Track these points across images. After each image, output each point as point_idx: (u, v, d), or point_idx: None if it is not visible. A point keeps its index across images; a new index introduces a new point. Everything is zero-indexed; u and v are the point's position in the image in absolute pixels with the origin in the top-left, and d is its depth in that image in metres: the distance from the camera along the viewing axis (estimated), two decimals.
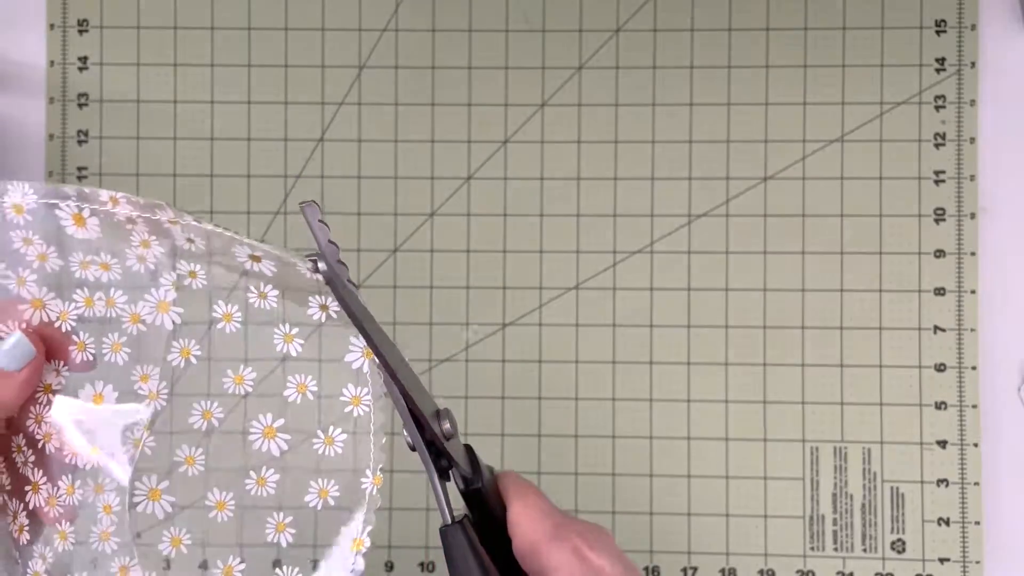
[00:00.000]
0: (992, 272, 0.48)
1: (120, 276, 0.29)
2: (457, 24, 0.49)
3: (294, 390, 0.30)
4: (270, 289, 0.29)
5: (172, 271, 0.29)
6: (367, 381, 0.30)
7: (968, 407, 0.47)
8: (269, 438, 0.30)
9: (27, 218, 0.27)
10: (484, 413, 0.48)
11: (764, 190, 0.48)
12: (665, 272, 0.49)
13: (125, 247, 0.28)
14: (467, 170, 0.49)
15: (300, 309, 0.29)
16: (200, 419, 0.30)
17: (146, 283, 0.29)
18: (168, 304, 0.29)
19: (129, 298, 0.29)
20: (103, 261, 0.28)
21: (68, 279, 0.29)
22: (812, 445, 0.48)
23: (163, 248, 0.29)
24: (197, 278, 0.29)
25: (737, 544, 0.48)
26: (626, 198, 0.49)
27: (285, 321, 0.30)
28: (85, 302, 0.28)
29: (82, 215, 0.28)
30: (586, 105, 0.49)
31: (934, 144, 0.48)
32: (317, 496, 0.30)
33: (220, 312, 0.29)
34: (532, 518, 0.30)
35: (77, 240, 0.28)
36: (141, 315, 0.29)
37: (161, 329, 0.29)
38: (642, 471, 0.48)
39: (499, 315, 0.49)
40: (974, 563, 0.47)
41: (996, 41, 0.48)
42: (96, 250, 0.28)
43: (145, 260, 0.29)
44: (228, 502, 0.30)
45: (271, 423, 0.30)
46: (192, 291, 0.29)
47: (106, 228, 0.28)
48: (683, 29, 0.49)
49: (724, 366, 0.48)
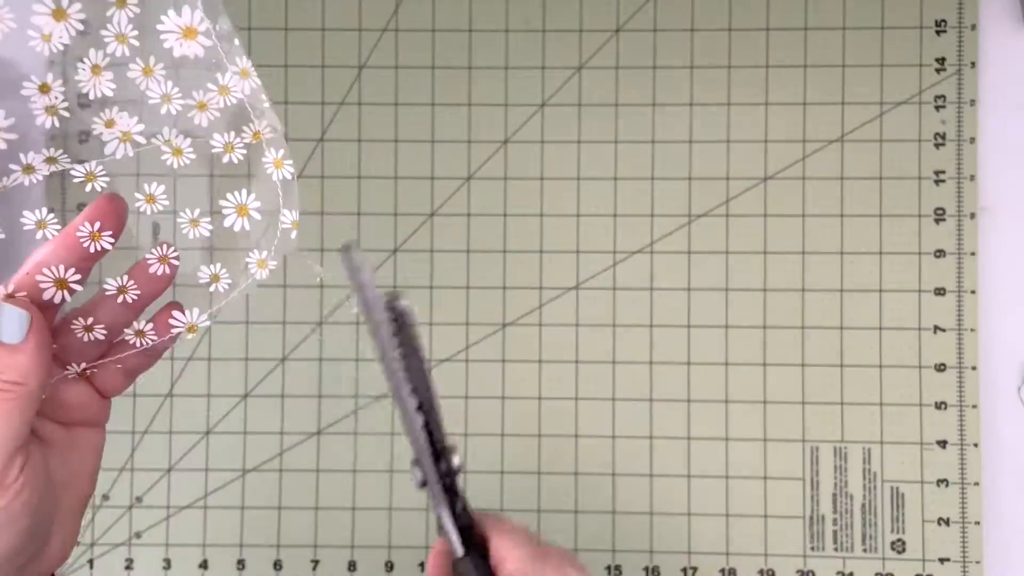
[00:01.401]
0: (992, 272, 0.48)
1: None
2: (457, 24, 0.49)
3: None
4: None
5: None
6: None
7: (968, 407, 0.47)
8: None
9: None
10: (484, 413, 0.48)
11: (764, 190, 0.48)
12: (665, 272, 0.49)
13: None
14: (467, 170, 0.49)
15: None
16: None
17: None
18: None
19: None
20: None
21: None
22: (812, 445, 0.48)
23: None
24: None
25: (737, 544, 0.48)
26: (626, 198, 0.49)
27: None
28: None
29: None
30: (586, 105, 0.49)
31: (934, 144, 0.48)
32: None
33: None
34: (515, 544, 0.31)
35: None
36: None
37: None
38: (642, 471, 0.48)
39: (499, 315, 0.49)
40: (974, 563, 0.47)
41: (996, 41, 0.48)
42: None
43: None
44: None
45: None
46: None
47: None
48: (683, 29, 0.49)
49: (724, 366, 0.48)
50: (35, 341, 0.27)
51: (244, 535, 0.48)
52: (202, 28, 0.27)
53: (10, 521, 0.28)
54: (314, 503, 0.48)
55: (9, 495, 0.27)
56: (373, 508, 0.48)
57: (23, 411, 0.27)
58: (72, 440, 0.31)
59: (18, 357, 0.27)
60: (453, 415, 0.48)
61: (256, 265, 0.30)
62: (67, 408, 0.31)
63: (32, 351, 0.27)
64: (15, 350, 0.27)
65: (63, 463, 0.31)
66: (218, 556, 0.48)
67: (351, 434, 0.48)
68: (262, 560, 0.48)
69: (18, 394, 0.27)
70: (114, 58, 0.26)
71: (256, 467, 0.48)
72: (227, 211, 0.29)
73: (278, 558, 0.48)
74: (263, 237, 0.30)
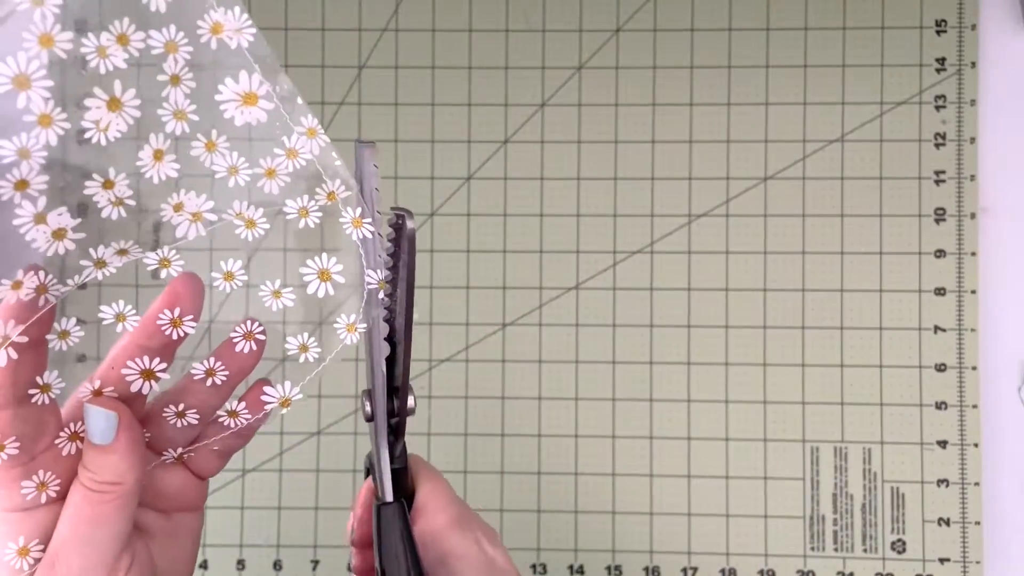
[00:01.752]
0: (992, 272, 0.48)
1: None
2: (457, 24, 0.49)
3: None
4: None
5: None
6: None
7: (968, 407, 0.47)
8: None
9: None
10: (484, 413, 0.48)
11: (764, 190, 0.48)
12: (665, 272, 0.48)
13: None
14: (467, 170, 0.49)
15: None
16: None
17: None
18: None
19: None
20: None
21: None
22: (812, 445, 0.48)
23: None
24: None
25: (737, 544, 0.48)
26: (626, 198, 0.49)
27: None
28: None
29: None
30: (586, 105, 0.49)
31: (934, 144, 0.48)
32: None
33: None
34: (440, 504, 0.31)
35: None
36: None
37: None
38: (642, 471, 0.48)
39: (499, 315, 0.49)
40: (974, 563, 0.47)
41: (996, 41, 0.48)
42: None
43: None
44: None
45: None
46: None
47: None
48: (683, 29, 0.49)
49: (724, 366, 0.48)
50: (126, 438, 0.26)
51: (244, 535, 0.48)
52: (262, 92, 0.26)
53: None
54: (314, 503, 0.48)
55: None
56: None
57: (123, 510, 0.26)
58: (172, 527, 0.30)
59: (111, 457, 0.26)
60: (453, 415, 0.49)
61: (345, 329, 0.29)
62: (165, 495, 0.30)
63: (124, 450, 0.26)
64: (107, 450, 0.26)
65: (165, 551, 0.30)
66: (218, 556, 0.48)
67: (351, 434, 0.48)
68: (262, 560, 0.48)
69: (116, 494, 0.26)
70: (174, 137, 0.26)
71: (256, 467, 0.48)
72: (309, 278, 0.28)
73: (278, 558, 0.48)
74: (349, 300, 0.29)
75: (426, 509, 0.31)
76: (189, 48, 0.25)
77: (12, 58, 0.22)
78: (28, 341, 0.25)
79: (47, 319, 0.26)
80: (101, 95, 0.24)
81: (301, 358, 0.29)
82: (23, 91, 0.23)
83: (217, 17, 0.25)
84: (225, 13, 0.25)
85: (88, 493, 0.26)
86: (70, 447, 0.27)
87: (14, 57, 0.22)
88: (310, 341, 0.29)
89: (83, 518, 0.26)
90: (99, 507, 0.26)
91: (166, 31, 0.24)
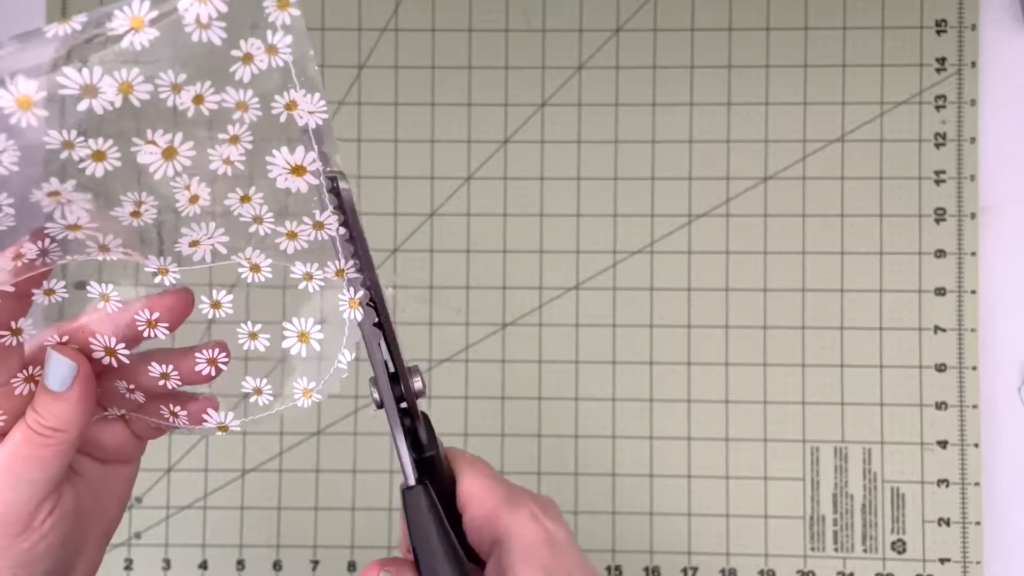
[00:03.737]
0: (992, 272, 0.48)
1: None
2: (457, 24, 0.49)
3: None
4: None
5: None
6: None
7: (968, 407, 0.47)
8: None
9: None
10: (484, 413, 0.48)
11: (764, 190, 0.48)
12: (665, 272, 0.48)
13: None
14: (467, 170, 0.49)
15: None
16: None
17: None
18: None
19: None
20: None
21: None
22: (812, 445, 0.48)
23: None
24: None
25: (737, 544, 0.48)
26: (626, 198, 0.49)
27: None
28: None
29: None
30: (586, 105, 0.49)
31: (934, 144, 0.48)
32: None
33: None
34: (487, 487, 0.31)
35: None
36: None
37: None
38: (642, 471, 0.48)
39: (499, 315, 0.49)
40: (974, 563, 0.47)
41: (996, 41, 0.48)
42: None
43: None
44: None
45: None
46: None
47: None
48: (683, 29, 0.49)
49: (724, 366, 0.48)
50: (80, 390, 0.27)
51: (244, 535, 0.48)
52: (311, 168, 0.27)
53: (32, 562, 0.28)
54: (314, 503, 0.48)
55: (34, 538, 0.27)
56: (373, 508, 0.48)
57: (59, 457, 0.27)
58: (105, 475, 0.31)
59: (61, 404, 0.27)
60: (453, 415, 0.48)
61: (301, 393, 0.30)
62: (103, 447, 0.31)
63: (76, 400, 0.27)
64: (59, 397, 0.27)
65: (94, 496, 0.31)
66: (218, 556, 0.48)
67: (351, 434, 0.48)
68: (262, 560, 0.48)
69: (57, 440, 0.27)
70: (215, 176, 0.26)
71: (256, 467, 0.48)
72: (288, 333, 0.29)
73: (278, 558, 0.48)
74: (316, 368, 0.30)
75: (472, 495, 0.31)
76: (258, 113, 0.26)
77: (101, 98, 0.23)
78: (14, 292, 0.26)
79: (38, 277, 0.27)
80: (161, 142, 0.25)
81: (252, 398, 0.30)
82: (87, 100, 0.23)
83: (296, 96, 0.26)
84: (305, 95, 0.26)
85: (31, 434, 0.27)
86: (23, 388, 0.28)
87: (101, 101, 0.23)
88: (265, 386, 0.30)
89: (20, 456, 0.27)
90: (38, 449, 0.27)
91: (242, 92, 0.25)
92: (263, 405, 0.30)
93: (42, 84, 0.22)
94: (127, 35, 0.23)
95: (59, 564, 0.29)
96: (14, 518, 0.27)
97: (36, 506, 0.27)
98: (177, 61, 0.24)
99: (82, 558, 0.30)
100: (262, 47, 0.24)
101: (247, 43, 0.24)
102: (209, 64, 0.24)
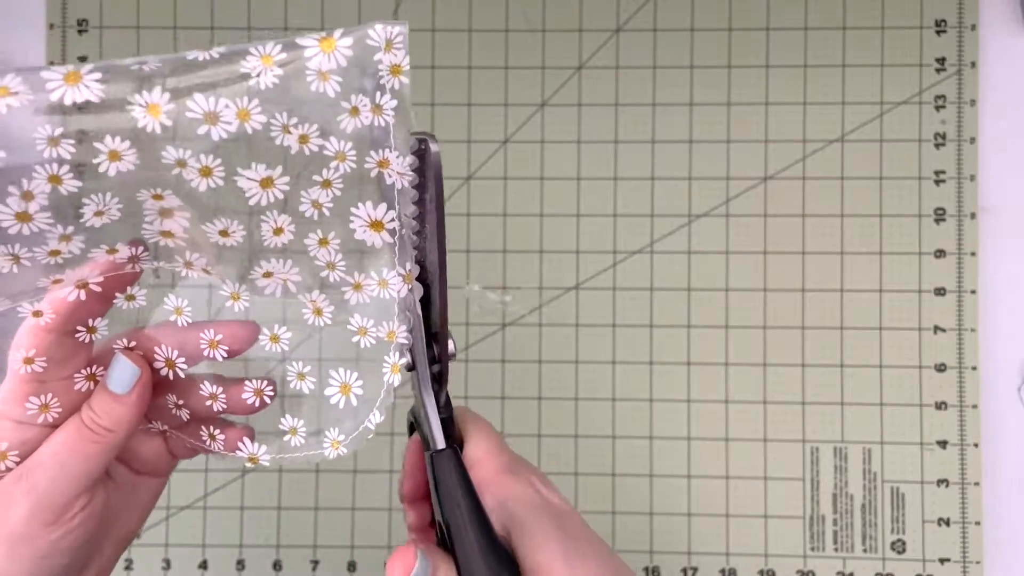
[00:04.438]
0: (992, 272, 0.48)
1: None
2: (457, 24, 0.49)
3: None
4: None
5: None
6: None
7: (968, 407, 0.47)
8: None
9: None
10: (484, 413, 0.48)
11: (764, 190, 0.48)
12: (665, 272, 0.49)
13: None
14: (467, 170, 0.49)
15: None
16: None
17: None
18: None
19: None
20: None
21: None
22: (812, 445, 0.48)
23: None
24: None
25: (737, 544, 0.48)
26: (626, 198, 0.49)
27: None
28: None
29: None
30: (586, 105, 0.49)
31: (934, 144, 0.48)
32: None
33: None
34: (492, 451, 0.31)
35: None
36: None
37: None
38: (642, 471, 0.48)
39: (499, 315, 0.49)
40: (974, 563, 0.47)
41: (996, 41, 0.48)
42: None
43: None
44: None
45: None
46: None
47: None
48: (683, 29, 0.49)
49: (724, 366, 0.48)
50: (137, 395, 0.29)
51: (243, 535, 0.48)
52: (389, 226, 0.28)
53: (54, 554, 0.28)
54: (314, 503, 0.48)
55: (62, 530, 0.28)
56: (373, 508, 0.48)
57: (103, 456, 0.29)
58: (136, 485, 0.32)
59: (117, 406, 0.29)
60: None
61: (331, 444, 0.31)
62: (140, 458, 0.32)
63: (132, 404, 0.29)
64: (117, 399, 0.29)
65: (122, 503, 0.32)
66: (218, 556, 0.48)
67: None
68: (262, 560, 0.48)
69: (106, 440, 0.28)
70: (301, 216, 0.28)
71: (256, 467, 0.48)
72: (332, 382, 0.30)
73: (278, 558, 0.48)
74: (348, 420, 0.31)
75: (478, 458, 0.31)
76: (353, 165, 0.27)
77: (220, 127, 0.25)
78: (100, 292, 0.28)
79: (125, 280, 0.29)
80: (260, 173, 0.26)
81: (286, 436, 0.31)
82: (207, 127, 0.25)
83: (390, 156, 0.27)
84: (397, 157, 0.27)
85: (83, 429, 0.28)
86: (84, 385, 0.29)
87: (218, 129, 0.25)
88: (300, 428, 0.31)
89: (67, 448, 0.28)
90: (87, 445, 0.28)
91: (343, 143, 0.26)
92: (295, 446, 0.31)
93: (172, 102, 0.24)
94: (255, 75, 0.24)
95: (76, 562, 0.30)
96: (49, 506, 0.28)
97: (71, 499, 0.28)
98: (293, 104, 0.25)
99: (96, 561, 0.31)
100: (369, 104, 0.26)
101: (356, 98, 0.26)
102: (320, 111, 0.26)
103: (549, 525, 0.29)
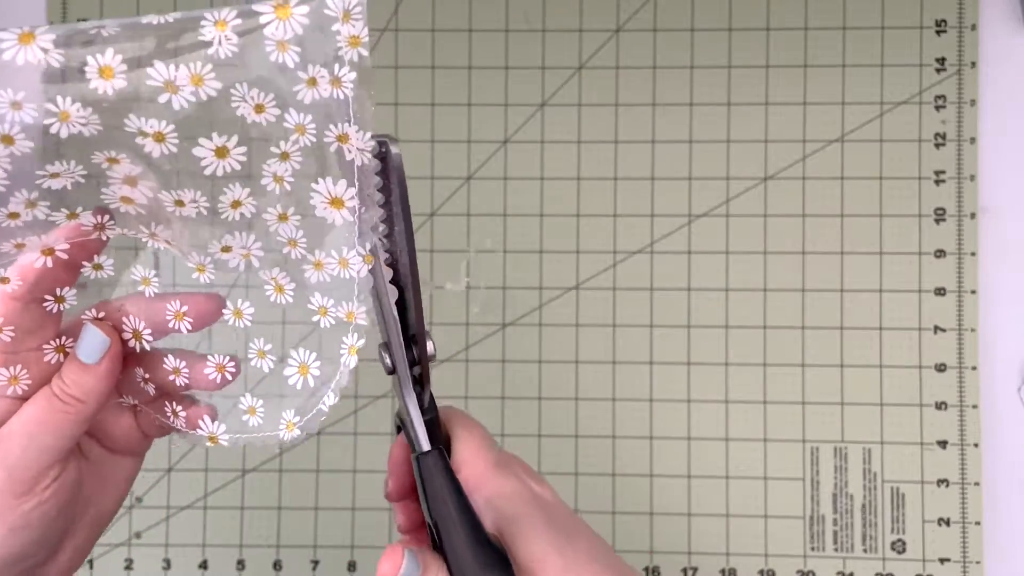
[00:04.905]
0: (992, 272, 0.48)
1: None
2: (457, 24, 0.49)
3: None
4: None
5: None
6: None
7: (968, 407, 0.47)
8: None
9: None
10: (484, 413, 0.48)
11: (764, 190, 0.48)
12: (665, 272, 0.49)
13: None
14: (467, 170, 0.49)
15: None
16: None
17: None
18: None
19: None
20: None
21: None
22: (812, 445, 0.48)
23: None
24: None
25: (737, 544, 0.48)
26: (626, 198, 0.49)
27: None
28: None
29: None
30: (586, 105, 0.49)
31: (934, 144, 0.48)
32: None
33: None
34: (479, 450, 0.32)
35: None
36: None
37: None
38: (642, 471, 0.48)
39: (499, 315, 0.49)
40: (974, 563, 0.47)
41: (996, 41, 0.48)
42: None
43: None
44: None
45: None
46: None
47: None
48: (683, 29, 0.49)
49: (724, 366, 0.48)
50: (107, 365, 0.29)
51: (244, 535, 0.48)
52: (350, 204, 0.28)
53: (25, 526, 0.28)
54: (314, 503, 0.48)
55: (33, 502, 0.28)
56: (373, 508, 0.48)
57: (73, 427, 0.29)
58: (110, 463, 0.32)
59: (87, 377, 0.28)
60: None
61: (285, 425, 0.31)
62: (112, 436, 0.32)
63: (102, 374, 0.29)
64: (87, 369, 0.29)
65: (95, 481, 0.32)
66: (218, 556, 0.48)
67: (351, 434, 0.48)
68: (262, 560, 0.48)
69: (76, 410, 0.28)
70: (262, 189, 0.27)
71: (256, 467, 0.48)
72: (292, 362, 0.30)
73: (278, 558, 0.48)
74: (304, 402, 0.31)
75: (465, 458, 0.31)
76: (313, 139, 0.27)
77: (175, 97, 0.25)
78: (67, 259, 0.28)
79: (92, 248, 0.28)
80: (209, 144, 0.26)
81: (245, 416, 0.31)
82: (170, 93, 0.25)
83: (349, 131, 0.27)
84: (358, 132, 0.27)
85: (53, 400, 0.28)
86: (53, 357, 0.29)
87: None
88: (259, 407, 0.31)
89: (38, 419, 0.28)
90: (57, 416, 0.28)
91: (302, 115, 0.26)
92: (253, 426, 0.31)
93: (131, 69, 0.24)
94: (214, 44, 0.24)
95: (49, 536, 0.30)
96: (20, 477, 0.28)
97: (42, 471, 0.28)
98: (250, 73, 0.25)
99: (71, 541, 0.31)
100: (327, 76, 0.25)
101: (314, 68, 0.25)
102: (278, 81, 0.25)
103: (540, 518, 0.29)
